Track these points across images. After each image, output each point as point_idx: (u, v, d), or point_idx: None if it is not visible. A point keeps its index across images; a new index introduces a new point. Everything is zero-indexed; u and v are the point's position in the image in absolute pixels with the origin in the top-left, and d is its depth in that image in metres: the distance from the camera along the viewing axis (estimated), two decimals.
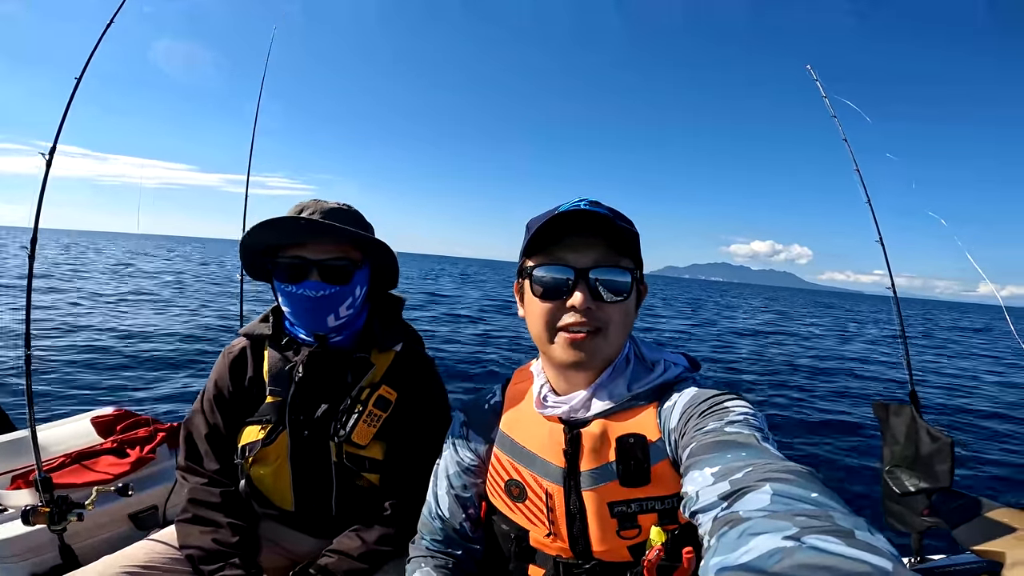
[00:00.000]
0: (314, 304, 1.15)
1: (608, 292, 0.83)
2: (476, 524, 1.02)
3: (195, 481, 1.20)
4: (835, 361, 11.60)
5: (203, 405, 1.26)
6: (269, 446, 1.17)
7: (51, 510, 1.28)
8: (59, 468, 1.55)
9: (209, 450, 1.22)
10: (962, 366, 12.62)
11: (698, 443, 0.69)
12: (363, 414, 1.17)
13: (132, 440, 1.77)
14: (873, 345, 15.81)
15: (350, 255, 1.19)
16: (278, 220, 1.12)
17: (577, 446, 0.86)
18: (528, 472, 0.91)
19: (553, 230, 0.83)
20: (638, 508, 0.82)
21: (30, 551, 1.37)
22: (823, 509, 0.45)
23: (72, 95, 1.50)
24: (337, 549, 1.13)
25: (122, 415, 1.93)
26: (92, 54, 1.55)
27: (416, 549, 1.05)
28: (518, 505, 0.92)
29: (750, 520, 0.46)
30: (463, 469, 1.01)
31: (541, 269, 0.85)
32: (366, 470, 1.19)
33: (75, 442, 1.72)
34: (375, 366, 1.23)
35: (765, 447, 0.64)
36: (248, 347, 1.28)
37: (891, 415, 1.99)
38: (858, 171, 2.11)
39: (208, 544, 1.12)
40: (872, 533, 0.41)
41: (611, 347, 0.86)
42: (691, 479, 0.62)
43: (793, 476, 0.53)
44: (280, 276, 1.17)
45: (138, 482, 1.61)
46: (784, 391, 7.72)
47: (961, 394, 8.70)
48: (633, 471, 0.82)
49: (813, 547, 0.39)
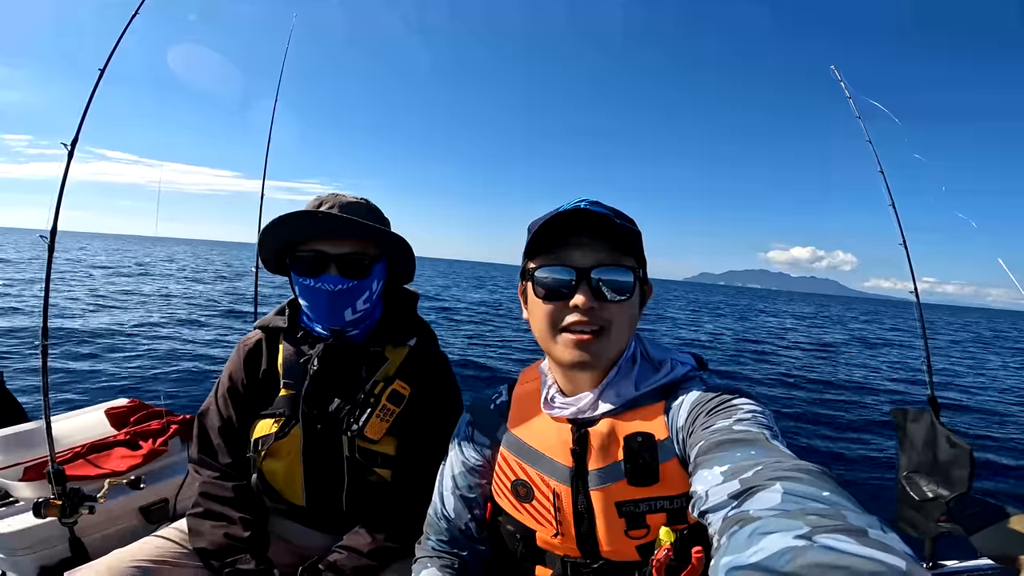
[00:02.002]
0: (332, 298, 1.15)
1: (611, 291, 0.82)
2: (482, 525, 1.01)
3: (207, 475, 1.21)
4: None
5: (217, 398, 1.26)
6: (282, 440, 1.17)
7: (63, 503, 1.28)
8: (72, 460, 1.56)
9: (222, 443, 1.22)
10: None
11: (707, 441, 0.68)
12: (376, 408, 1.17)
13: (145, 432, 1.78)
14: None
15: (368, 249, 1.19)
16: (296, 214, 1.12)
17: (585, 445, 0.86)
18: (535, 472, 0.90)
19: (554, 231, 0.82)
20: (647, 508, 0.81)
21: (40, 543, 1.37)
22: (835, 508, 0.45)
23: (95, 87, 1.51)
24: (347, 545, 1.13)
25: (136, 407, 1.93)
26: (116, 47, 1.56)
27: (422, 549, 1.05)
28: (525, 505, 0.91)
29: (761, 519, 0.45)
30: (468, 469, 1.00)
31: (543, 270, 0.85)
32: (378, 465, 1.18)
33: (88, 433, 1.73)
34: (389, 360, 1.23)
35: (774, 445, 0.63)
36: (263, 340, 1.28)
37: (910, 421, 1.96)
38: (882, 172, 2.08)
39: (219, 539, 1.12)
40: (886, 531, 0.40)
41: (615, 347, 0.85)
42: (700, 478, 0.61)
43: (804, 475, 0.52)
44: (298, 270, 1.17)
45: (149, 475, 1.62)
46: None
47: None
48: (641, 470, 0.81)
49: (825, 546, 0.38)
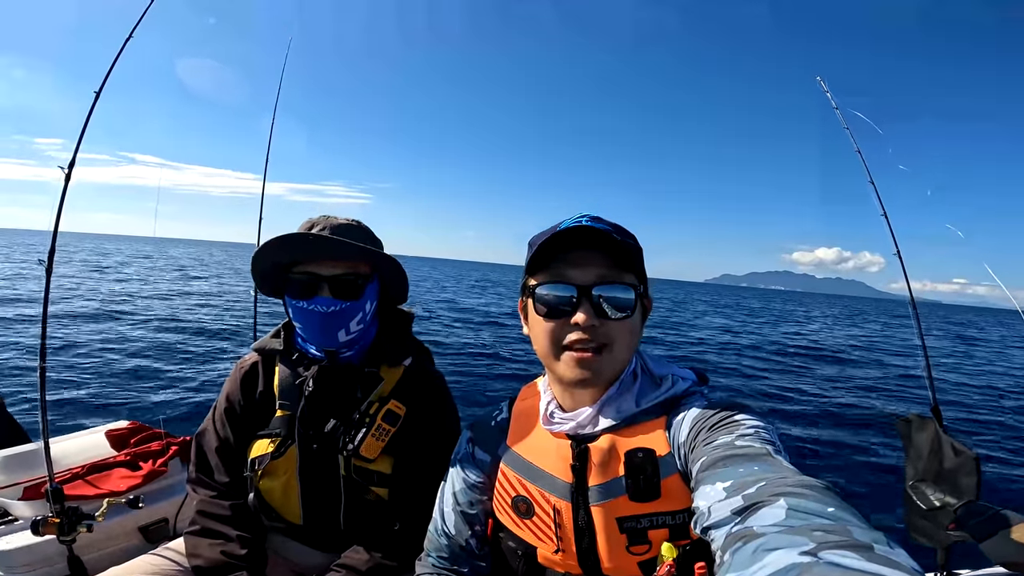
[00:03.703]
0: (325, 320, 1.16)
1: (612, 309, 0.82)
2: (482, 541, 1.01)
3: (205, 494, 1.21)
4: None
5: (214, 418, 1.27)
6: (278, 459, 1.17)
7: (61, 520, 1.28)
8: (72, 480, 1.56)
9: (219, 463, 1.23)
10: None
11: (709, 457, 0.68)
12: (372, 428, 1.17)
13: (145, 453, 1.78)
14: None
15: (360, 270, 1.19)
16: (287, 237, 1.13)
17: (585, 461, 0.85)
18: (535, 488, 0.89)
19: (555, 247, 0.82)
20: (648, 523, 0.81)
21: (40, 562, 1.38)
22: (840, 524, 0.44)
23: (91, 109, 1.52)
24: (344, 563, 1.13)
25: (136, 428, 1.94)
26: (111, 68, 1.58)
27: (422, 566, 1.04)
28: (525, 521, 0.90)
29: (765, 535, 0.45)
30: (469, 486, 0.99)
31: (544, 287, 0.85)
32: (374, 484, 1.18)
33: (89, 454, 1.73)
34: (384, 380, 1.23)
35: (777, 460, 0.63)
36: (260, 362, 1.29)
37: (914, 430, 1.94)
38: (872, 183, 2.09)
39: (216, 556, 1.12)
40: (892, 547, 0.40)
41: (617, 364, 0.85)
42: (703, 494, 0.61)
43: (808, 490, 0.51)
44: (291, 292, 1.18)
45: (149, 495, 1.62)
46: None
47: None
48: (643, 486, 0.80)
49: (831, 563, 0.38)
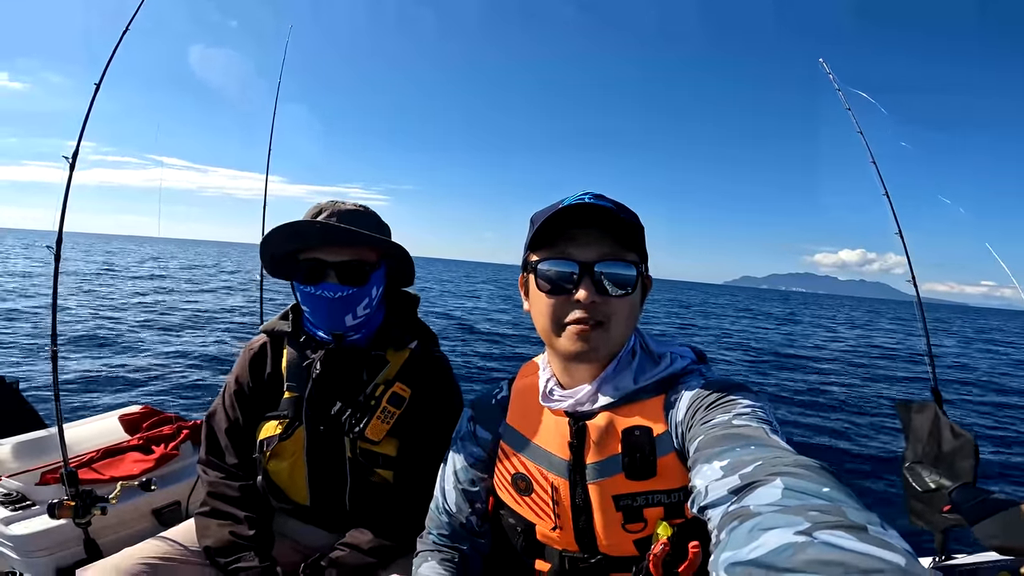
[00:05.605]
0: (332, 305, 1.17)
1: (613, 286, 0.82)
2: (483, 518, 1.03)
3: (214, 475, 1.23)
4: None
5: (224, 400, 1.29)
6: (286, 441, 1.20)
7: (76, 504, 1.31)
8: (86, 464, 1.59)
9: (229, 444, 1.25)
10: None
11: (706, 436, 0.68)
12: (377, 411, 1.19)
13: (157, 437, 1.81)
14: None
15: (366, 256, 1.21)
16: (294, 224, 1.15)
17: (583, 438, 0.86)
18: (534, 465, 0.91)
19: (557, 224, 0.82)
20: (644, 501, 0.82)
21: (57, 545, 1.41)
22: (835, 504, 0.45)
23: (92, 100, 1.53)
24: (348, 543, 1.15)
25: (148, 413, 1.97)
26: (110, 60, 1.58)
27: (423, 543, 1.06)
28: (524, 498, 0.92)
29: (761, 515, 0.45)
30: (470, 464, 1.01)
31: (546, 264, 0.85)
32: (380, 466, 1.20)
33: (103, 439, 1.76)
34: (390, 364, 1.25)
35: (774, 440, 0.63)
36: (268, 344, 1.31)
37: (914, 413, 1.94)
38: (874, 163, 2.07)
39: (225, 537, 1.14)
40: (885, 528, 0.41)
41: (615, 340, 0.85)
42: (699, 473, 0.61)
43: (804, 470, 0.52)
44: (299, 277, 1.19)
45: (162, 478, 1.65)
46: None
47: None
48: (639, 464, 0.81)
49: (825, 543, 0.38)
